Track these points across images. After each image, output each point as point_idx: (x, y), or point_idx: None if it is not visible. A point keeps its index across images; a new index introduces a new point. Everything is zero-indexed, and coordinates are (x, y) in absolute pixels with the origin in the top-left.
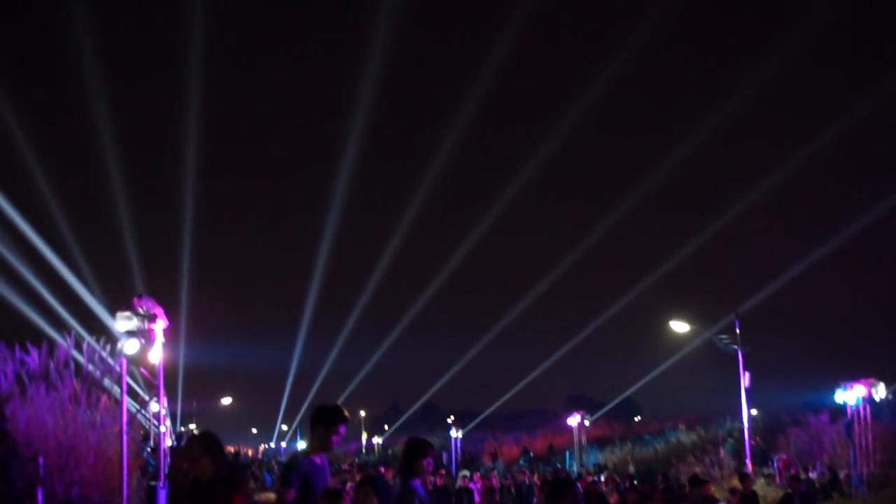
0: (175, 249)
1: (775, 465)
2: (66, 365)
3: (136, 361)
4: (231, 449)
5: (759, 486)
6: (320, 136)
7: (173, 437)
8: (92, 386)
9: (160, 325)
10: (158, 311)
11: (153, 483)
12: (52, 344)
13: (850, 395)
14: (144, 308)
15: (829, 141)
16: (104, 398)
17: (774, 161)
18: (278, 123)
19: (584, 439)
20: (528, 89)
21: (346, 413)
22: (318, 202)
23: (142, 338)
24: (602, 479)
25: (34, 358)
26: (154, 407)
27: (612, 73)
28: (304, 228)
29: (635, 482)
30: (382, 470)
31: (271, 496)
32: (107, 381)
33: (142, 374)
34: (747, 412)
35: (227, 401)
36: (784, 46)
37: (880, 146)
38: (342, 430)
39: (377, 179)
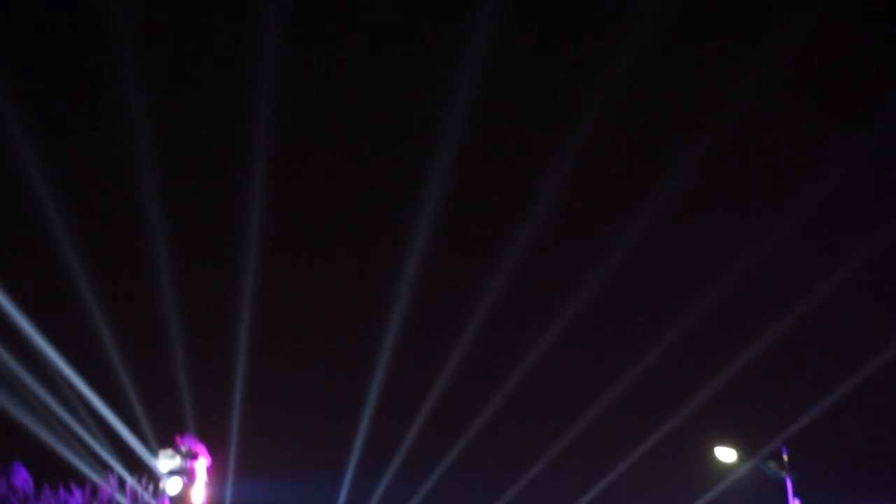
0: (225, 382)
1: None
2: None
3: (179, 500)
4: None
5: None
6: (373, 263)
7: None
8: None
9: (202, 463)
10: (201, 448)
11: None
12: (94, 485)
13: None
14: (187, 446)
15: (878, 255)
16: None
17: (817, 279)
18: (333, 249)
19: None
20: (574, 217)
21: None
22: (371, 333)
23: (184, 476)
24: None
25: (77, 499)
26: None
27: (654, 205)
28: (356, 359)
29: None
30: None
31: None
32: None
33: None
34: None
35: None
36: (830, 164)
37: None
38: None
39: (427, 316)
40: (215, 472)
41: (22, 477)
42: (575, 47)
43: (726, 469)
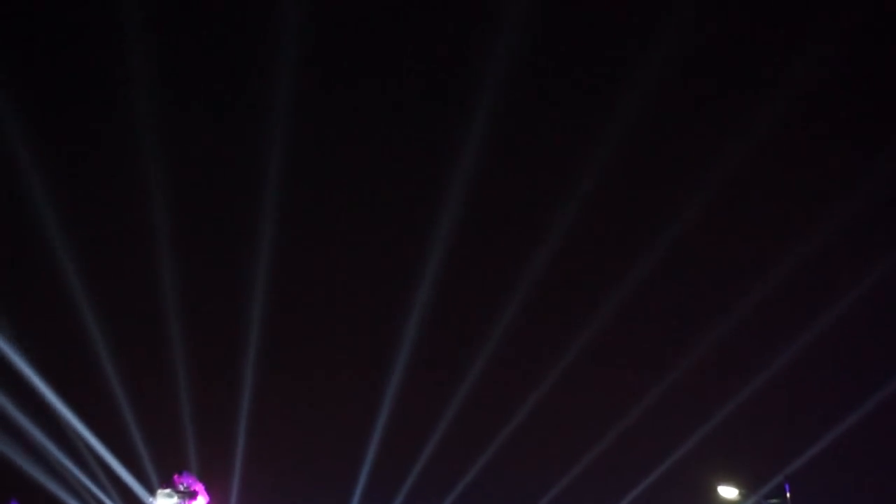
0: (228, 421)
1: None
2: None
3: None
4: None
5: None
6: (378, 298)
7: None
8: None
9: (201, 502)
10: (199, 487)
11: None
12: None
13: None
14: (185, 484)
15: (877, 291)
16: None
17: (818, 315)
18: (338, 286)
19: None
20: (580, 256)
21: None
22: (375, 373)
23: None
24: None
25: None
26: None
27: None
28: (359, 399)
29: None
30: None
31: None
32: None
33: None
34: None
35: None
36: (830, 204)
37: None
38: None
39: (431, 356)
40: None
41: None
42: (589, 84)
43: None
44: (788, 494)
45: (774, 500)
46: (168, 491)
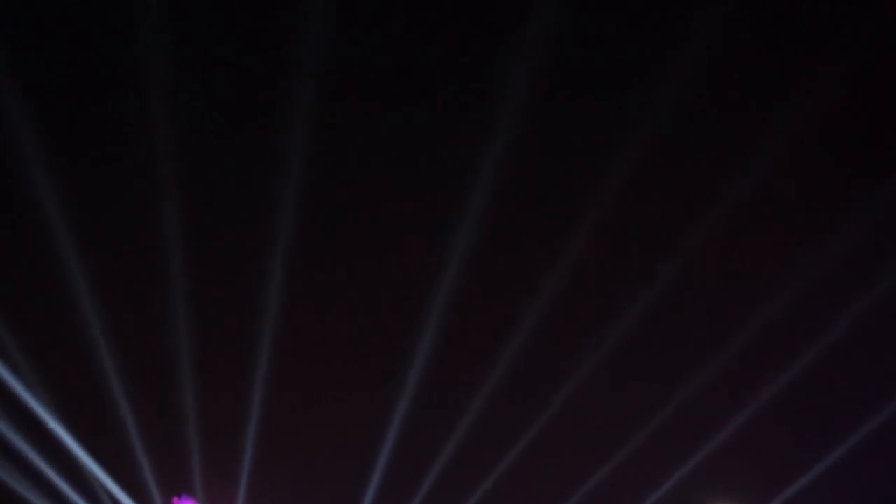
0: (235, 449)
1: None
2: None
3: None
4: None
5: None
6: (397, 317)
7: None
8: None
9: None
10: None
11: None
12: None
13: None
14: None
15: (876, 317)
16: None
17: (819, 338)
18: (349, 321)
19: None
20: (581, 289)
21: None
22: (382, 405)
23: None
24: None
25: None
26: None
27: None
28: (366, 429)
29: None
30: None
31: None
32: None
33: None
34: None
35: None
36: (825, 237)
37: None
38: None
39: (437, 392)
40: None
41: None
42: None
43: None
44: None
45: None
46: None
